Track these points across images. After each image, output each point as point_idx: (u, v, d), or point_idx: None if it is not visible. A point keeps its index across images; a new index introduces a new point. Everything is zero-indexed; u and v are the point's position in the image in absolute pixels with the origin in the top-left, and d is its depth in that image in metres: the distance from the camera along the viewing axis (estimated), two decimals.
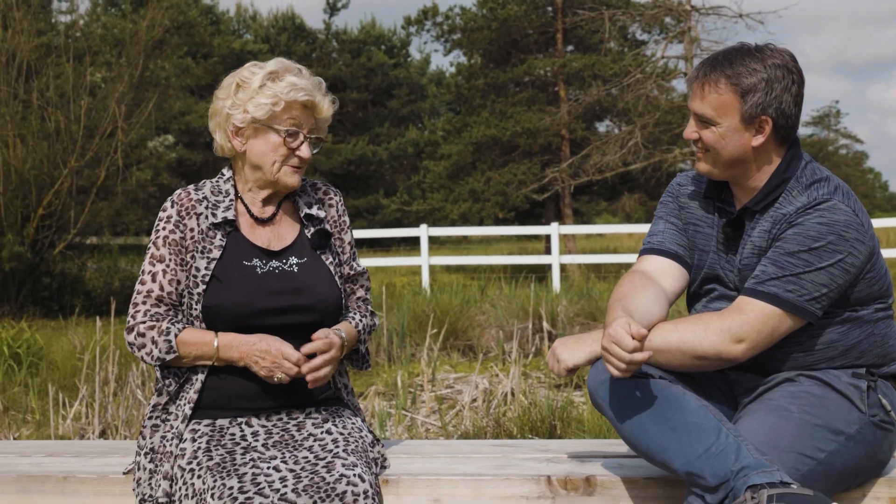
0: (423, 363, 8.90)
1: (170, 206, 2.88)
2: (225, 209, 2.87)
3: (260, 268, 2.84)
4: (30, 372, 8.91)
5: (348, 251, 3.05)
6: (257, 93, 2.82)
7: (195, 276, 2.79)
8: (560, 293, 13.07)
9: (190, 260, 2.81)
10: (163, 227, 2.85)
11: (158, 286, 2.80)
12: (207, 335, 2.76)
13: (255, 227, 2.91)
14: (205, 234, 2.83)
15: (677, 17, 24.47)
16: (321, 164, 38.39)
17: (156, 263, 2.82)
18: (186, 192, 2.91)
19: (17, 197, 15.01)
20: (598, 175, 24.94)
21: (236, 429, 2.76)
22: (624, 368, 2.52)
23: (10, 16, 15.81)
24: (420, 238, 18.70)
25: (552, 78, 28.72)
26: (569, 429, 5.93)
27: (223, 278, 2.80)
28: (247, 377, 2.79)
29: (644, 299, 2.76)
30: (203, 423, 2.78)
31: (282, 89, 2.82)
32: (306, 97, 2.84)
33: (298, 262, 2.89)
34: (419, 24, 30.75)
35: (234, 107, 2.85)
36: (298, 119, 2.86)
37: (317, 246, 2.94)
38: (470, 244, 41.84)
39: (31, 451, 3.30)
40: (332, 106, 2.95)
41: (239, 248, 2.85)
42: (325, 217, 3.01)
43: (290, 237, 2.94)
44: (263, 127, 2.85)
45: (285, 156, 2.87)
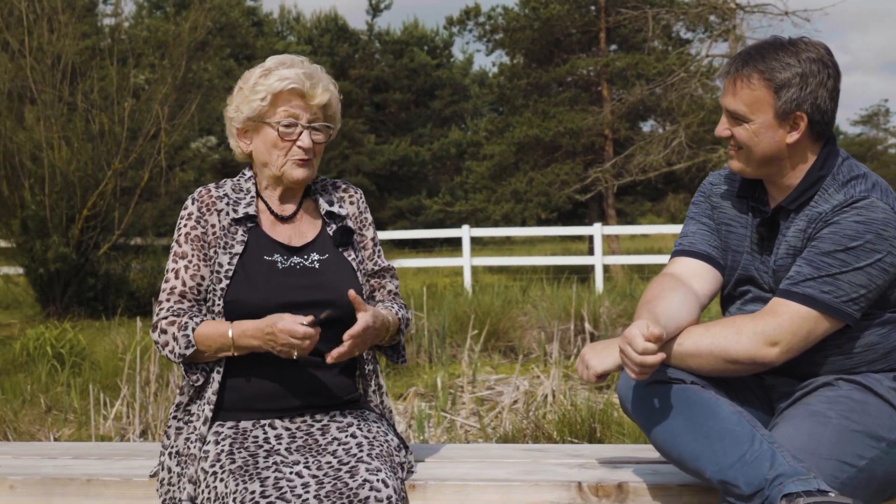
0: (464, 364, 8.87)
1: (190, 203, 2.89)
2: (246, 205, 2.87)
3: (281, 263, 2.82)
4: (72, 372, 8.97)
5: (370, 247, 3.02)
6: (251, 91, 2.85)
7: (218, 271, 2.79)
8: (603, 294, 12.98)
9: (213, 255, 2.80)
10: (184, 225, 2.85)
11: (181, 282, 2.79)
12: (223, 326, 2.72)
13: (276, 224, 2.90)
14: (226, 229, 2.83)
15: (722, 16, 24.23)
16: (364, 165, 38.48)
17: (178, 260, 2.82)
18: (207, 190, 2.91)
19: (62, 198, 15.11)
20: (641, 175, 24.78)
21: (259, 431, 2.73)
22: (637, 371, 2.46)
23: (55, 19, 15.94)
24: (462, 239, 18.68)
25: (595, 77, 28.57)
26: (608, 432, 5.86)
27: (244, 273, 2.79)
28: (269, 377, 2.77)
29: (672, 302, 2.68)
30: (226, 425, 2.75)
31: (270, 82, 2.82)
32: (292, 86, 2.82)
33: (320, 258, 2.87)
34: (461, 25, 30.71)
35: (234, 110, 2.89)
36: (294, 109, 2.84)
37: (339, 243, 2.92)
38: (513, 245, 41.72)
39: (58, 452, 3.28)
40: (327, 92, 2.90)
41: (260, 244, 2.84)
42: (347, 214, 2.99)
43: (312, 234, 2.92)
44: (259, 123, 2.86)
45: (286, 149, 2.86)
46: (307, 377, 2.79)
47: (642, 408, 2.64)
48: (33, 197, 15.06)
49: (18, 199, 15.17)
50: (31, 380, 8.43)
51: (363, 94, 41.22)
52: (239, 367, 2.78)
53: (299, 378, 2.79)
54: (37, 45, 15.72)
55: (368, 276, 2.99)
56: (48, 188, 15.08)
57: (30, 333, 9.74)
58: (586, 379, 2.67)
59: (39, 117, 15.28)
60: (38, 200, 15.03)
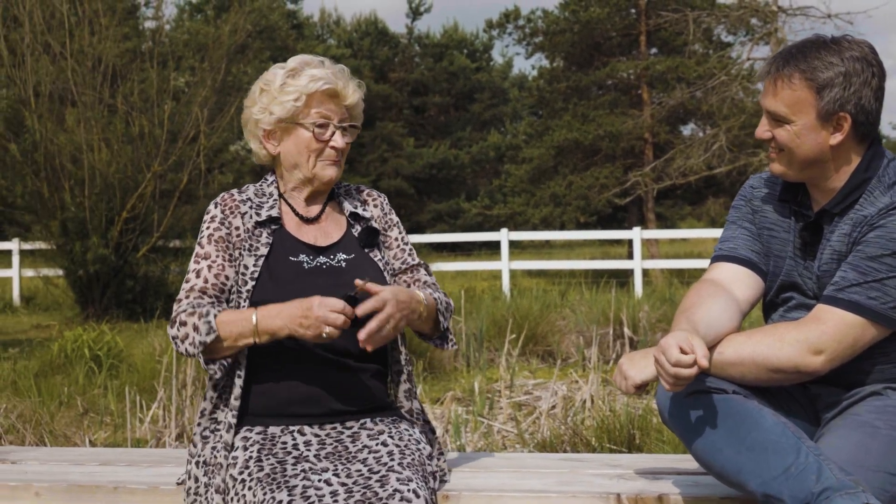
0: (502, 369, 8.80)
1: (213, 207, 2.85)
2: (269, 208, 2.84)
3: (307, 263, 2.78)
4: (110, 374, 8.98)
5: (395, 247, 2.96)
6: (279, 92, 2.79)
7: (244, 273, 2.74)
8: (642, 298, 12.87)
9: (238, 257, 2.76)
10: (207, 227, 2.81)
11: (202, 280, 2.74)
12: (246, 311, 2.64)
13: (302, 225, 2.87)
14: (250, 232, 2.79)
15: (763, 19, 24.03)
16: (403, 168, 38.52)
17: (200, 261, 2.77)
18: (230, 194, 2.88)
19: (102, 200, 15.17)
20: (681, 179, 24.61)
21: (288, 437, 2.66)
22: (671, 382, 2.37)
23: (96, 22, 16.03)
24: (501, 242, 18.63)
25: (635, 81, 28.41)
26: (647, 439, 5.76)
27: (270, 275, 2.74)
28: (299, 382, 2.71)
29: (711, 309, 2.58)
30: (255, 430, 2.69)
31: (302, 83, 2.78)
32: (326, 86, 2.79)
33: (346, 257, 2.83)
34: (501, 28, 30.67)
35: (261, 111, 2.83)
36: (326, 110, 2.81)
37: (365, 243, 2.88)
38: (552, 249, 41.60)
39: (85, 458, 3.23)
40: (359, 90, 2.88)
41: (285, 246, 2.80)
42: (371, 216, 2.95)
43: (337, 234, 2.89)
44: (291, 125, 2.81)
45: (319, 150, 2.83)
46: (337, 382, 2.73)
47: (682, 419, 2.54)
48: (73, 199, 15.14)
49: (58, 201, 15.26)
50: (69, 382, 8.43)
51: (402, 98, 41.29)
52: (268, 371, 2.72)
53: (330, 383, 2.72)
54: (78, 48, 15.81)
55: (399, 274, 2.94)
56: (88, 190, 15.16)
57: (68, 335, 9.76)
58: (624, 390, 2.56)
59: (80, 119, 15.36)
60: (77, 202, 15.11)
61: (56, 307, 17.40)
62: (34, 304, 18.41)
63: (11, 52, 15.76)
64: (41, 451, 3.30)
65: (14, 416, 6.95)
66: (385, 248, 2.94)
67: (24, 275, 18.90)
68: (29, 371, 8.75)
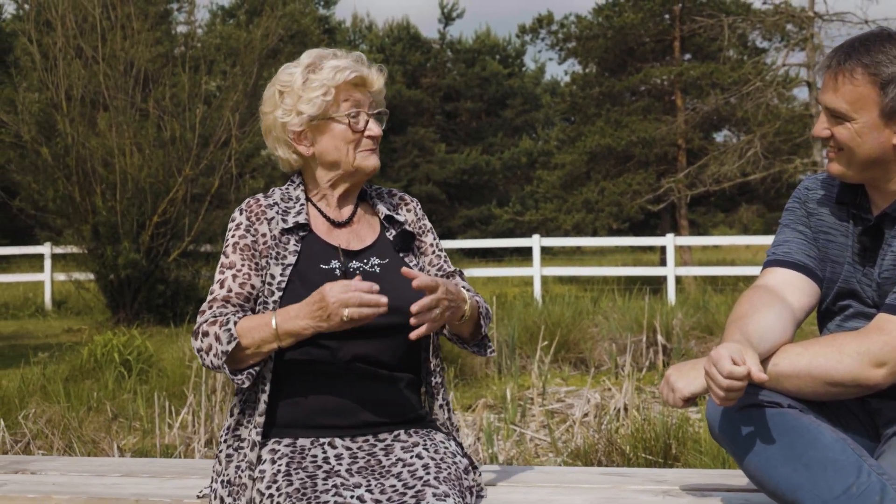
0: (534, 376, 8.71)
1: (238, 213, 2.71)
2: (296, 213, 2.70)
3: (339, 269, 2.65)
4: (139, 379, 8.93)
5: (430, 252, 2.84)
6: (304, 90, 2.66)
7: (270, 283, 2.60)
8: (675, 306, 12.73)
9: (264, 265, 2.62)
10: (232, 235, 2.68)
11: (226, 289, 2.60)
12: (266, 315, 2.49)
13: (332, 229, 2.73)
14: (277, 239, 2.65)
15: (799, 24, 23.84)
16: (434, 174, 38.47)
17: (225, 271, 2.63)
18: (256, 199, 2.74)
19: (133, 205, 15.19)
20: (715, 186, 24.42)
21: (318, 450, 2.52)
22: (722, 396, 2.21)
23: (128, 26, 16.05)
24: (532, 248, 18.55)
25: (668, 87, 28.23)
26: (684, 449, 5.62)
27: (300, 283, 2.59)
28: (330, 393, 2.57)
29: (765, 318, 2.43)
30: (283, 442, 2.55)
31: (326, 76, 2.65)
32: (353, 75, 2.66)
33: (380, 262, 2.69)
34: (534, 33, 30.58)
35: (286, 113, 2.68)
36: (354, 99, 2.69)
37: (400, 248, 2.75)
38: (584, 255, 41.45)
39: (107, 469, 3.11)
40: (382, 75, 2.75)
41: (315, 251, 2.66)
42: (405, 221, 2.82)
43: (370, 238, 2.75)
44: (323, 122, 2.68)
45: (356, 140, 2.69)
46: (370, 392, 2.60)
47: (734, 434, 2.38)
48: (105, 203, 15.15)
49: (90, 205, 15.28)
50: (98, 387, 8.38)
51: (434, 103, 41.26)
52: (297, 381, 2.59)
53: (361, 393, 2.59)
54: (110, 52, 15.84)
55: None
56: (119, 194, 15.17)
57: (98, 340, 9.72)
58: (672, 403, 2.40)
59: (112, 123, 15.38)
60: (109, 206, 15.13)
61: (87, 311, 17.44)
62: (66, 309, 18.47)
63: (44, 56, 15.81)
64: (63, 461, 3.20)
65: (43, 421, 6.90)
66: (421, 255, 2.82)
67: (55, 279, 18.96)
68: (58, 376, 8.70)
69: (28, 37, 16.12)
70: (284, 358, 2.56)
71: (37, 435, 6.68)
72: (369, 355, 2.58)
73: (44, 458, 3.18)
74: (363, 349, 2.57)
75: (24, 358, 10.11)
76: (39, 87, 16.25)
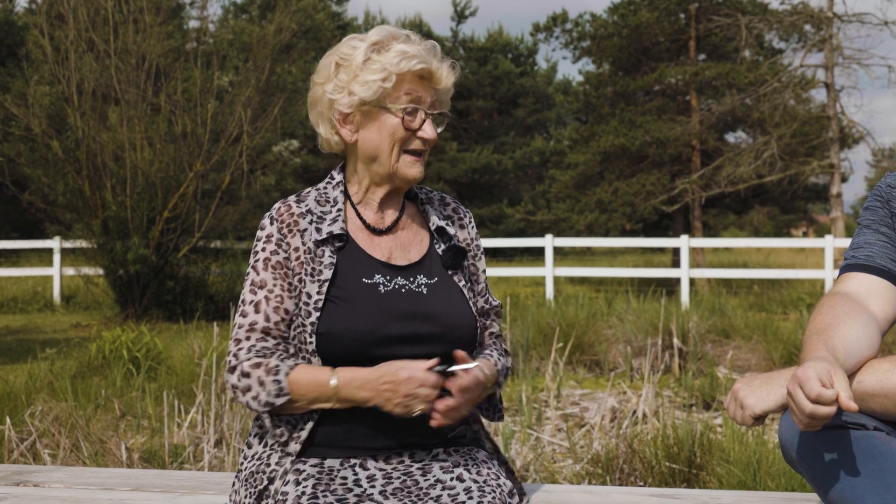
0: (548, 378, 8.57)
1: (268, 223, 2.39)
2: (332, 221, 2.38)
3: (384, 285, 2.34)
4: (148, 377, 8.81)
5: (482, 280, 2.54)
6: (361, 69, 2.33)
7: (306, 304, 2.30)
8: (690, 308, 12.58)
9: (298, 284, 2.32)
10: (262, 249, 2.37)
11: (263, 317, 2.30)
12: (323, 372, 2.23)
13: (373, 237, 2.42)
14: (312, 252, 2.34)
15: (817, 25, 23.63)
16: (446, 173, 38.34)
17: (257, 291, 2.32)
18: (287, 206, 2.41)
19: (143, 200, 15.09)
20: (730, 187, 24.23)
21: (349, 472, 2.25)
22: (806, 422, 1.99)
23: (140, 20, 15.95)
24: (545, 248, 18.44)
25: (683, 87, 28.01)
26: (709, 458, 5.45)
27: (339, 300, 2.30)
28: (362, 410, 2.27)
29: (852, 331, 2.19)
30: (309, 462, 2.27)
31: (390, 60, 2.32)
32: (421, 65, 2.34)
33: (428, 282, 2.39)
34: (548, 31, 30.41)
35: (337, 90, 2.36)
36: (416, 93, 2.36)
37: (450, 265, 2.44)
38: (594, 255, 41.31)
39: (116, 482, 2.87)
40: (453, 72, 2.41)
41: (355, 263, 2.35)
42: (456, 236, 2.51)
43: (418, 252, 2.44)
44: (375, 109, 2.35)
45: (404, 139, 2.36)
46: None
47: (813, 459, 2.16)
48: (114, 198, 15.07)
49: (100, 200, 15.20)
50: (106, 384, 8.25)
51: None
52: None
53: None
54: (122, 46, 15.74)
55: (479, 313, 2.52)
56: (129, 189, 15.08)
57: (106, 336, 9.60)
58: (740, 421, 2.17)
59: (123, 118, 15.29)
60: (119, 201, 15.04)
61: (96, 306, 17.35)
62: (74, 303, 18.38)
63: (55, 50, 15.72)
64: (68, 471, 3.01)
65: (50, 418, 6.77)
66: (474, 281, 2.52)
67: (64, 273, 18.88)
68: (66, 372, 8.58)
69: (40, 30, 16.04)
70: None
71: (43, 433, 6.55)
72: None
73: (48, 468, 3.00)
74: None
75: (31, 353, 9.99)
76: (51, 80, 16.16)
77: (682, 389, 8.83)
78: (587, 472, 5.77)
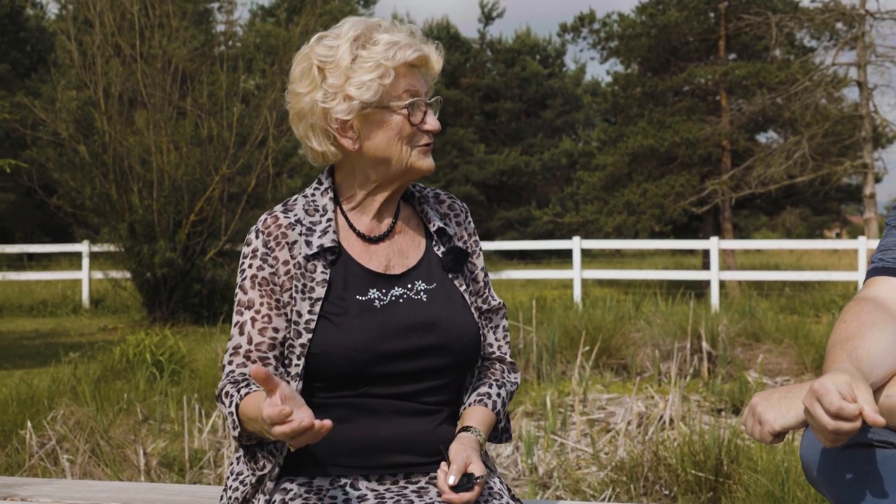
0: (574, 382, 8.47)
1: (254, 237, 2.20)
2: (322, 233, 2.18)
3: (379, 300, 2.17)
4: (172, 380, 8.76)
5: (482, 279, 2.36)
6: (352, 69, 2.12)
7: (297, 322, 2.14)
8: (720, 311, 12.41)
9: (288, 300, 2.14)
10: (248, 266, 2.18)
11: (246, 339, 2.13)
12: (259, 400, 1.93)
13: (368, 245, 2.24)
14: (302, 267, 2.15)
15: (849, 22, 23.35)
16: (473, 175, 38.27)
17: (244, 311, 2.15)
18: (273, 217, 2.21)
19: (170, 203, 15.12)
20: (761, 188, 23.98)
21: (338, 492, 2.09)
22: (832, 439, 1.80)
23: (166, 24, 15.98)
24: (572, 251, 18.32)
25: (713, 86, 27.79)
26: (737, 466, 5.32)
27: (332, 318, 2.13)
28: (351, 425, 2.13)
29: (879, 340, 1.99)
30: (296, 481, 2.12)
31: (383, 54, 2.12)
32: (416, 53, 2.17)
33: (427, 287, 2.22)
34: (575, 32, 30.24)
35: (329, 97, 2.14)
36: (413, 86, 2.17)
37: (450, 268, 2.27)
38: (623, 258, 41.11)
39: (105, 496, 2.70)
40: (441, 56, 2.24)
41: (349, 278, 2.18)
42: (456, 235, 2.34)
43: (415, 255, 2.27)
44: (377, 110, 2.15)
45: (411, 135, 2.18)
46: (401, 428, 2.15)
47: (836, 479, 1.97)
48: (141, 201, 15.10)
49: (127, 203, 15.23)
50: (129, 388, 8.21)
51: (474, 103, 41.08)
52: (316, 413, 2.04)
53: (391, 430, 2.15)
54: (148, 50, 15.78)
55: (479, 315, 2.35)
56: (156, 192, 15.11)
57: (130, 340, 9.57)
58: (758, 438, 1.97)
59: (149, 121, 15.32)
60: (145, 205, 15.07)
61: (124, 310, 17.40)
62: (103, 307, 18.45)
63: (82, 55, 15.76)
64: (57, 484, 2.90)
65: (71, 423, 6.74)
66: (471, 280, 2.35)
67: (93, 277, 18.95)
68: (89, 377, 8.55)
69: (67, 35, 16.10)
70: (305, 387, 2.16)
71: (62, 438, 6.51)
72: (403, 392, 2.17)
73: (38, 480, 2.91)
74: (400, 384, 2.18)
75: (56, 357, 9.98)
76: (78, 84, 16.21)
77: (710, 394, 8.70)
78: (611, 479, 5.66)
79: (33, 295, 19.55)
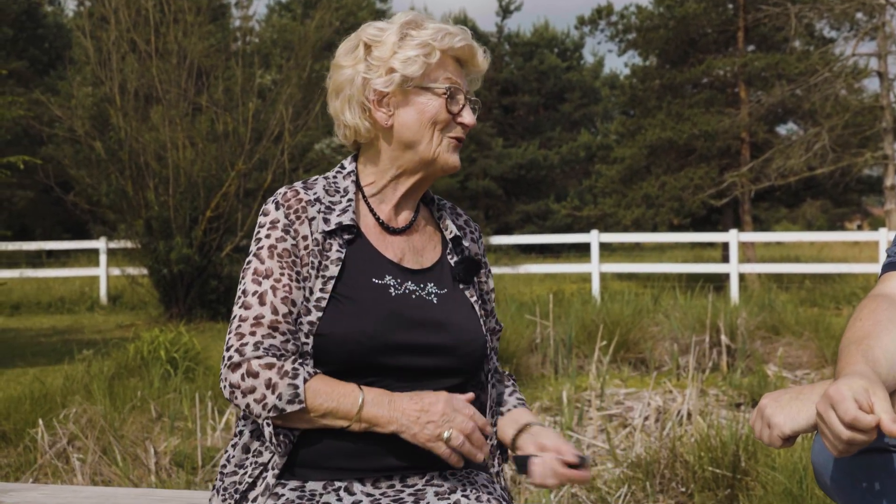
0: (592, 377, 8.39)
1: (273, 208, 2.14)
2: (341, 212, 2.14)
3: (394, 288, 2.13)
4: (186, 377, 8.72)
5: (491, 301, 2.35)
6: (400, 46, 2.13)
7: (307, 299, 2.08)
8: (739, 304, 12.30)
9: (306, 276, 2.08)
10: (266, 235, 2.11)
11: (270, 309, 2.03)
12: (349, 385, 1.99)
13: (386, 235, 2.21)
14: (320, 244, 2.10)
15: (870, 13, 23.12)
16: (492, 169, 38.16)
17: (262, 281, 2.06)
18: (294, 192, 2.16)
19: (186, 199, 15.08)
20: (780, 180, 23.77)
21: (332, 496, 2.02)
22: (841, 448, 1.70)
23: (181, 19, 15.95)
24: (591, 244, 18.23)
25: (732, 78, 27.56)
26: (755, 463, 5.23)
27: (344, 299, 2.08)
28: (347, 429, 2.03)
29: (894, 340, 1.90)
30: (289, 485, 2.05)
31: (431, 36, 2.13)
32: (463, 43, 2.16)
33: (438, 291, 2.18)
34: (593, 24, 30.07)
35: (372, 69, 2.14)
36: (455, 77, 2.17)
37: (461, 278, 2.23)
38: (643, 251, 40.95)
39: (93, 502, 2.68)
40: (487, 58, 2.24)
41: (364, 261, 2.14)
42: (468, 249, 2.31)
43: (431, 258, 2.24)
44: (416, 88, 2.14)
45: (446, 124, 2.16)
46: None
47: (848, 486, 1.91)
48: (157, 198, 15.08)
49: (143, 200, 15.21)
50: (143, 385, 8.17)
51: (492, 97, 40.98)
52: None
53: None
54: (163, 46, 15.76)
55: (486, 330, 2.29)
56: (172, 189, 15.08)
57: (145, 336, 9.54)
58: (767, 442, 1.90)
59: (165, 117, 15.30)
60: (161, 201, 15.04)
61: (141, 306, 17.40)
62: (121, 303, 18.46)
63: (98, 51, 15.75)
64: (45, 489, 2.82)
65: (83, 421, 6.70)
66: (481, 294, 2.32)
67: (111, 274, 18.96)
68: (103, 374, 8.52)
69: (82, 31, 16.09)
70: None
71: (74, 437, 6.47)
72: (403, 391, 2.06)
73: (27, 486, 2.84)
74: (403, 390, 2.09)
75: (71, 355, 9.96)
76: (93, 81, 16.20)
77: (729, 388, 8.60)
78: (627, 476, 5.57)
79: (51, 292, 19.59)
